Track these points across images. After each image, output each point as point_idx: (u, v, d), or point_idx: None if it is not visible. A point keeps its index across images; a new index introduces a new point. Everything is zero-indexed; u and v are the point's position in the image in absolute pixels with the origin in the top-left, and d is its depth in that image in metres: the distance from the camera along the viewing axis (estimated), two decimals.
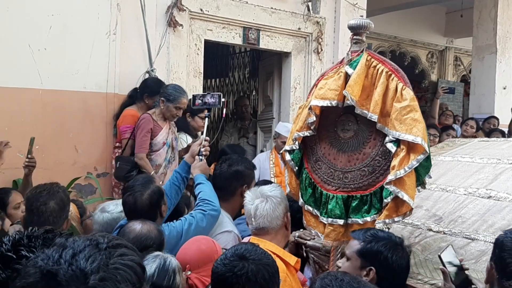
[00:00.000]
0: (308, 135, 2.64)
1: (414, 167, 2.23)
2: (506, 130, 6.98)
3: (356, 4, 6.04)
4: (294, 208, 2.84)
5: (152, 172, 4.15)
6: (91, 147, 4.49)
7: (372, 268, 2.15)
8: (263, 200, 2.52)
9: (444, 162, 3.38)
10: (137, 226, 2.42)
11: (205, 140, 3.32)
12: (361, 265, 2.16)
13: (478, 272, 2.33)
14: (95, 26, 4.43)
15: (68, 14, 4.30)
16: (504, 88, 7.43)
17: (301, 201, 2.76)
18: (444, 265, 2.17)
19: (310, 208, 2.71)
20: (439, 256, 2.20)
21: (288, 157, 2.73)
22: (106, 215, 3.01)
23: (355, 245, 2.19)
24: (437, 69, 10.20)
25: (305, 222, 2.81)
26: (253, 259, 1.84)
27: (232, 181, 3.11)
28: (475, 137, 6.37)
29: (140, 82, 4.64)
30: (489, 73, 7.42)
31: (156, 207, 2.83)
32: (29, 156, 3.56)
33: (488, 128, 6.93)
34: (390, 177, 2.25)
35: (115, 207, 3.04)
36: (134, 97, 4.57)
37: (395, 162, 2.25)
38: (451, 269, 2.16)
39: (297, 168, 2.74)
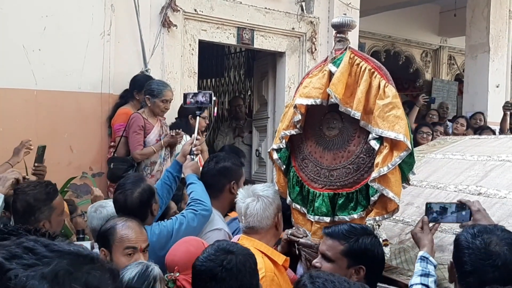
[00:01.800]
0: (295, 133, 2.64)
1: (397, 164, 2.24)
2: (497, 127, 7.04)
3: (350, 3, 6.08)
4: (285, 206, 2.87)
5: (153, 148, 4.25)
6: (86, 147, 4.51)
7: (363, 266, 2.17)
8: (254, 199, 2.53)
9: (435, 159, 3.41)
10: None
11: (196, 139, 3.34)
12: (348, 264, 2.17)
13: None
14: (89, 27, 4.45)
15: (62, 15, 4.33)
16: (497, 87, 7.49)
17: (289, 199, 2.78)
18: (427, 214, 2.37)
19: (298, 206, 2.71)
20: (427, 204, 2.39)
21: (275, 155, 2.74)
22: (107, 210, 3.02)
23: (337, 246, 2.19)
24: (431, 68, 10.26)
25: (293, 220, 2.82)
26: (237, 251, 1.89)
27: (219, 177, 3.08)
28: (465, 135, 6.42)
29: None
30: (482, 72, 7.47)
31: (147, 206, 2.84)
32: (35, 164, 3.44)
33: (474, 123, 6.96)
34: (374, 174, 2.26)
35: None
36: (126, 97, 4.61)
37: (378, 159, 2.26)
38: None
39: (284, 166, 2.76)
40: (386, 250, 2.55)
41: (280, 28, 5.76)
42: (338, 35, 2.43)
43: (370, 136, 2.31)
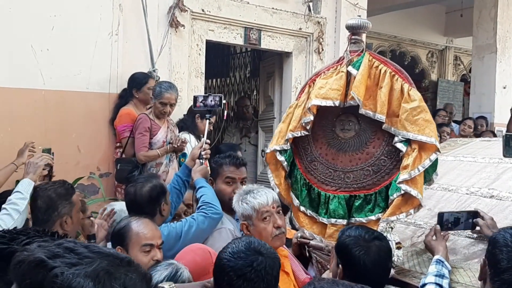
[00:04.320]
0: (303, 135, 2.64)
1: (428, 166, 2.26)
2: (504, 129, 7.01)
3: (357, 4, 6.06)
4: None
5: (158, 152, 4.24)
6: (93, 147, 4.50)
7: (340, 264, 2.16)
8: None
9: (446, 161, 3.39)
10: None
11: (205, 143, 3.32)
12: (337, 262, 2.18)
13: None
14: (97, 27, 4.44)
15: (70, 14, 4.31)
16: (504, 88, 7.46)
17: (296, 201, 2.75)
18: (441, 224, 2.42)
19: (305, 209, 2.70)
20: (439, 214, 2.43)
21: (281, 157, 2.72)
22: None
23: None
24: (437, 69, 10.23)
25: (297, 223, 2.79)
26: (267, 254, 1.86)
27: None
28: (472, 136, 6.40)
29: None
30: (489, 73, 7.45)
31: (156, 202, 2.86)
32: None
33: (476, 129, 6.94)
34: (404, 176, 2.27)
35: None
36: (125, 97, 4.58)
37: (407, 161, 2.27)
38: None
39: (288, 168, 2.75)
40: (399, 253, 2.54)
41: (287, 28, 5.74)
42: (353, 37, 2.42)
43: (396, 138, 2.31)
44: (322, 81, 2.47)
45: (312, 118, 2.50)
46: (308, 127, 2.57)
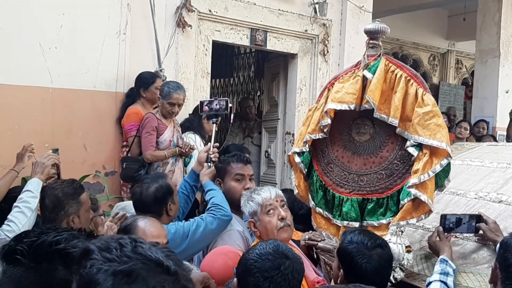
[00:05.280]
0: (321, 137, 2.67)
1: (438, 171, 2.27)
2: (504, 133, 7.05)
3: (363, 6, 6.08)
4: (299, 205, 2.88)
5: (165, 153, 4.26)
6: (100, 145, 4.51)
7: (341, 269, 2.18)
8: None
9: (454, 165, 3.37)
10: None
11: (213, 147, 3.33)
12: (338, 265, 2.20)
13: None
14: (105, 26, 4.45)
15: (78, 13, 4.31)
16: (507, 92, 7.48)
17: (312, 203, 2.79)
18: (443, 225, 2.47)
19: (321, 210, 2.73)
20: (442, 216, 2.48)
21: (298, 159, 2.75)
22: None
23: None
24: (438, 72, 10.27)
25: (315, 224, 2.83)
26: (293, 258, 1.87)
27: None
28: (467, 139, 6.43)
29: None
30: (491, 77, 7.46)
31: (162, 202, 2.87)
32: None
33: (477, 132, 6.97)
34: (414, 180, 2.28)
35: None
36: (132, 96, 4.59)
37: (418, 166, 2.28)
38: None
39: (306, 170, 2.77)
40: (409, 256, 2.56)
41: (293, 29, 5.75)
42: (371, 41, 2.43)
43: (408, 143, 2.33)
44: (339, 85, 2.50)
45: (329, 121, 2.52)
46: (325, 130, 2.59)
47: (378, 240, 2.21)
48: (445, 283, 2.30)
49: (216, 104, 3.50)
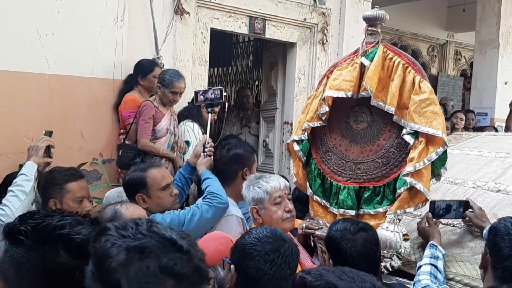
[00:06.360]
0: (319, 125, 2.65)
1: (433, 159, 2.26)
2: (503, 124, 7.04)
3: None
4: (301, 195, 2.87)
5: (160, 149, 4.25)
6: (97, 133, 4.49)
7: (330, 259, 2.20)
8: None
9: (452, 155, 3.39)
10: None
11: (207, 143, 3.30)
12: (328, 256, 2.24)
13: None
14: (102, 12, 4.40)
15: None
16: (506, 83, 7.47)
17: (309, 191, 2.78)
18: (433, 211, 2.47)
19: (319, 199, 2.73)
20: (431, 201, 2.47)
21: (296, 147, 2.75)
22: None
23: None
24: (437, 63, 10.24)
25: (312, 212, 2.83)
26: (290, 241, 1.90)
27: (232, 164, 3.04)
28: (463, 130, 6.43)
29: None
30: (491, 68, 7.45)
31: (133, 192, 2.82)
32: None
33: (468, 124, 6.94)
34: (409, 168, 2.27)
35: None
36: (130, 82, 4.57)
37: (413, 154, 2.27)
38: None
39: (305, 158, 2.76)
40: (406, 244, 2.56)
41: (292, 18, 5.71)
42: (369, 28, 2.41)
43: (404, 131, 2.31)
44: (337, 73, 2.48)
45: (327, 109, 2.51)
46: (324, 118, 2.57)
47: (361, 224, 2.25)
48: (435, 266, 2.34)
49: (211, 94, 3.48)
